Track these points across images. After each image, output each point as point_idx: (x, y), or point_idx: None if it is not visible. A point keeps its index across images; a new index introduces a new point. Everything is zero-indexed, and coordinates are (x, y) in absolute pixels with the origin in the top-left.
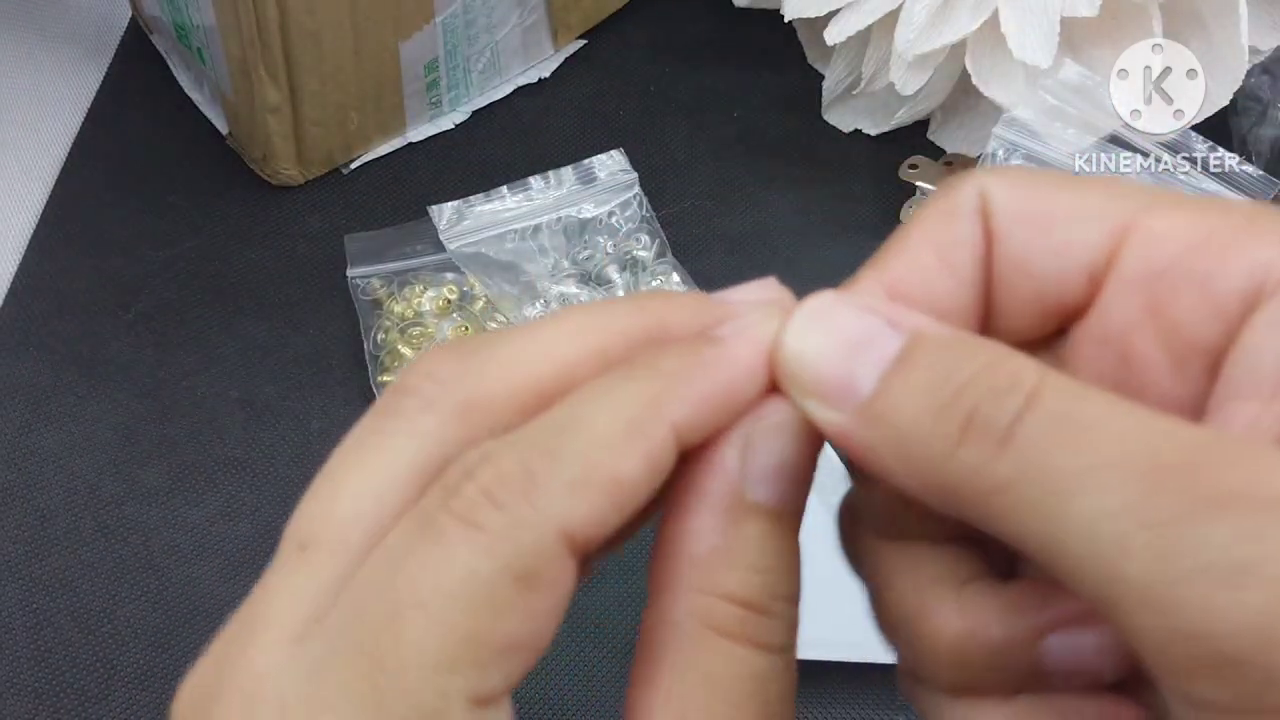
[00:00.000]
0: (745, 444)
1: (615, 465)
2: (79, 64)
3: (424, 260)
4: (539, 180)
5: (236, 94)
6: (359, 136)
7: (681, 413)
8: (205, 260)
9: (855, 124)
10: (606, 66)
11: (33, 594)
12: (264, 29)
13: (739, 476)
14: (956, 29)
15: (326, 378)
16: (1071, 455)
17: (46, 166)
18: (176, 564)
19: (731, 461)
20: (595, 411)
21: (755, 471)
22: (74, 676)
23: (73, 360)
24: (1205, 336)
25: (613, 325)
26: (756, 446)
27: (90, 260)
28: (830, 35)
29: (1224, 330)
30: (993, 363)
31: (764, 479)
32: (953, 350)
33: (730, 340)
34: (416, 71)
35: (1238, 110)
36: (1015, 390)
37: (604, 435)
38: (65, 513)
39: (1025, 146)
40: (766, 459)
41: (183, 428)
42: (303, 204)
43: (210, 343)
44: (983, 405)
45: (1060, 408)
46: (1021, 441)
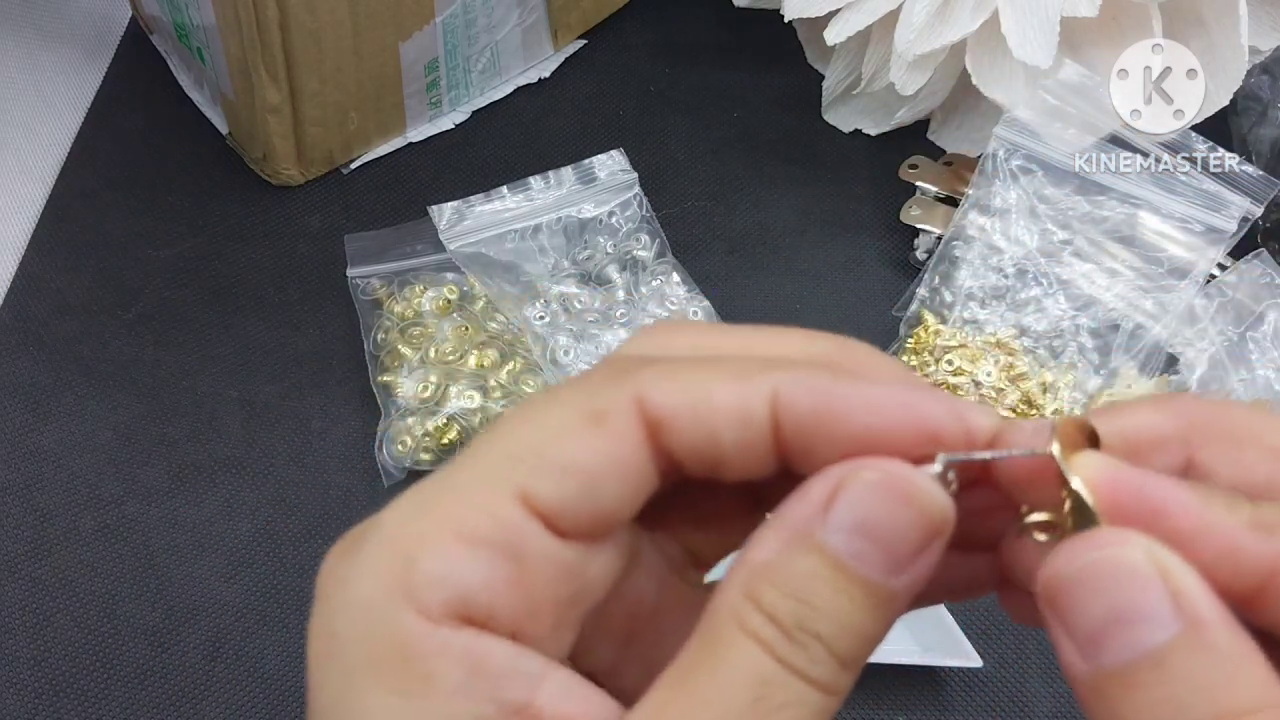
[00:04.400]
0: (836, 485)
1: (705, 392)
2: (79, 64)
3: (424, 260)
4: (539, 180)
5: (236, 94)
6: (359, 136)
7: (789, 387)
8: (205, 260)
9: (855, 124)
10: (606, 66)
11: (33, 593)
12: (264, 29)
13: (817, 511)
14: (956, 29)
15: (326, 377)
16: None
17: (46, 167)
18: (176, 563)
19: (815, 495)
20: (720, 358)
21: (836, 518)
22: (74, 676)
23: (73, 360)
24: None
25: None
26: (845, 496)
27: (90, 260)
28: (830, 35)
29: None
30: (1238, 713)
31: (842, 529)
32: (1212, 672)
33: (909, 390)
34: (416, 71)
35: (1238, 110)
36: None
37: (712, 371)
38: (65, 512)
39: (1025, 147)
40: (850, 513)
41: (182, 427)
42: (303, 204)
43: (210, 342)
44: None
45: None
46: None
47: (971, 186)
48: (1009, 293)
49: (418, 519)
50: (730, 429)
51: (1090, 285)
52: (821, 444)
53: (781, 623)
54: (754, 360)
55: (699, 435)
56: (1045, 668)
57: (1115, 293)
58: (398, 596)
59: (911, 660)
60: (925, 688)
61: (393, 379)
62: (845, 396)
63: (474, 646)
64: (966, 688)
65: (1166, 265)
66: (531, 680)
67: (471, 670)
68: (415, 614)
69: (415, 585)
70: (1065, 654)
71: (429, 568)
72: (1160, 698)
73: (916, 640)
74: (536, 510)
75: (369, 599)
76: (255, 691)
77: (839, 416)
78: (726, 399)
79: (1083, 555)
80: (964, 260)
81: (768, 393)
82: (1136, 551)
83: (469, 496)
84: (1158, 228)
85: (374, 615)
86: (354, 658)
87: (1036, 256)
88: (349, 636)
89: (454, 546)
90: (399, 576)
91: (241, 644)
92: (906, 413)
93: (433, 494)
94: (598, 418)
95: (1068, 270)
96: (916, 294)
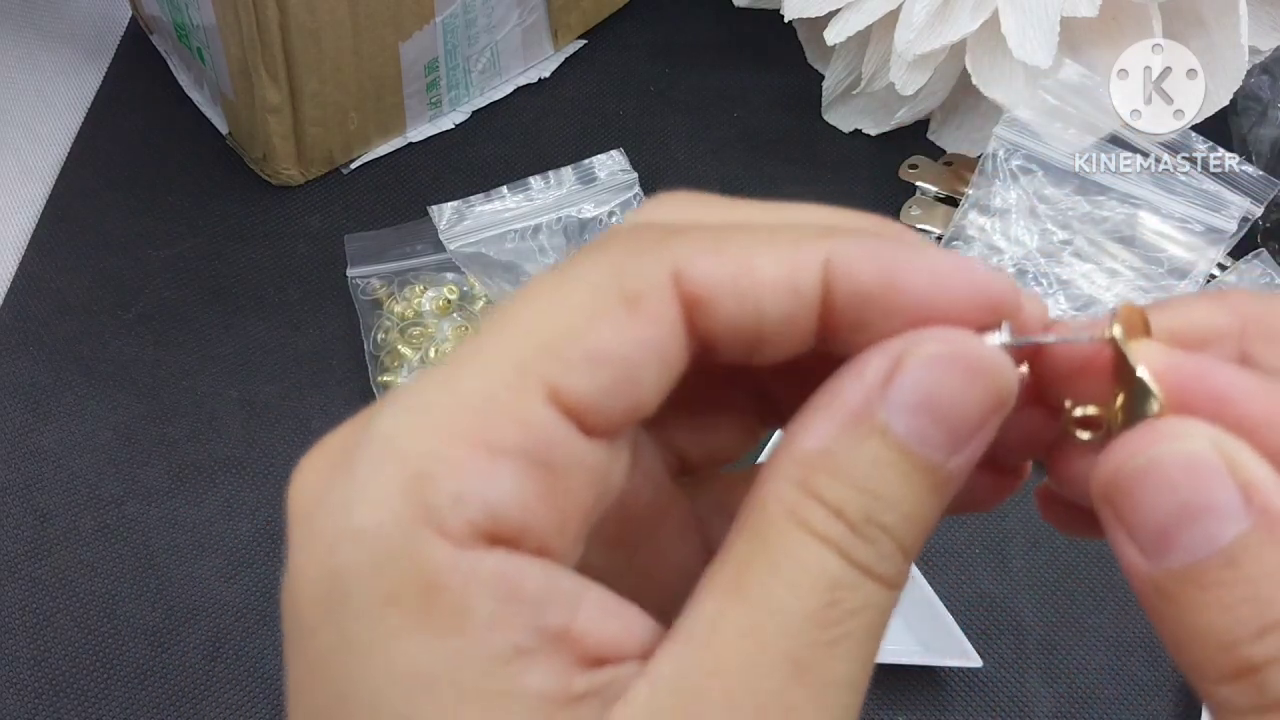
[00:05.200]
0: (897, 363)
1: (749, 263)
2: (79, 64)
3: (424, 260)
4: (539, 180)
5: (236, 94)
6: (359, 136)
7: (845, 253)
8: (205, 260)
9: (855, 124)
10: (606, 66)
11: (33, 593)
12: (264, 29)
13: (876, 391)
14: (956, 29)
15: (326, 377)
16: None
17: (46, 166)
18: (176, 563)
19: (873, 373)
20: (763, 226)
21: (897, 397)
22: (74, 676)
23: (73, 360)
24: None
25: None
26: (907, 372)
27: (90, 260)
28: (830, 35)
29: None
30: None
31: (904, 409)
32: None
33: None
34: (416, 71)
35: (1238, 110)
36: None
37: (757, 239)
38: (65, 512)
39: (1025, 147)
40: (913, 390)
41: (182, 427)
42: (303, 204)
43: (210, 342)
44: (1277, 662)
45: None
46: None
47: (971, 186)
48: None
49: (429, 427)
50: (777, 304)
51: (1090, 285)
52: (877, 317)
53: (849, 517)
54: (803, 227)
55: (742, 312)
56: (1045, 668)
57: (1115, 293)
58: (417, 520)
59: (911, 660)
60: (925, 688)
61: (393, 379)
62: (908, 264)
63: (506, 570)
64: (966, 688)
65: (1166, 265)
66: (569, 602)
67: (505, 597)
68: (439, 538)
69: (437, 506)
70: (1127, 555)
71: (452, 485)
72: (1236, 596)
73: (916, 640)
74: (568, 409)
75: (380, 526)
76: (255, 691)
77: (899, 286)
78: (774, 269)
79: (1145, 449)
80: None
81: (820, 261)
82: (1202, 442)
83: (492, 397)
84: (1158, 228)
85: (389, 545)
86: (368, 596)
87: (1036, 257)
88: (358, 572)
89: (479, 458)
90: (416, 497)
91: (241, 644)
92: (971, 284)
93: (442, 395)
94: (633, 299)
95: (1068, 270)
96: None
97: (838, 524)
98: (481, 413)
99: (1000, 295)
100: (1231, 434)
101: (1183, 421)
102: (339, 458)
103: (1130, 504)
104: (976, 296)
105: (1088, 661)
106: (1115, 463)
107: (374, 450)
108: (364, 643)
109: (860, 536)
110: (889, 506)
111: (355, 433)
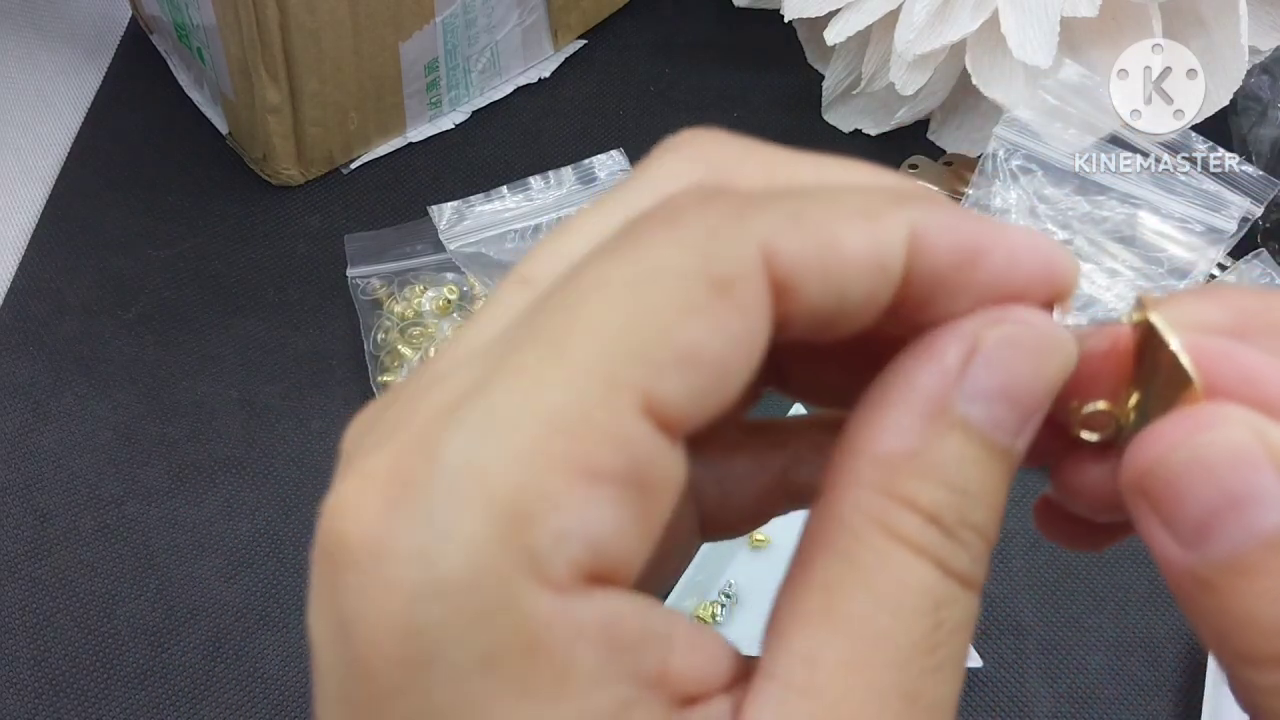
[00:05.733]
0: (973, 347)
1: (833, 239)
2: (79, 64)
3: (424, 260)
4: (539, 180)
5: (237, 94)
6: (359, 136)
7: (927, 225)
8: (205, 260)
9: (855, 124)
10: (606, 66)
11: (33, 594)
12: (264, 28)
13: (954, 380)
14: (956, 29)
15: (326, 378)
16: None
17: (46, 167)
18: (176, 563)
19: (952, 360)
20: (843, 187)
21: (974, 384)
22: (74, 676)
23: (73, 360)
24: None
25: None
26: (985, 356)
27: (90, 260)
28: (830, 35)
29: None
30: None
31: (982, 396)
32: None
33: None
34: (416, 71)
35: (1238, 110)
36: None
37: (837, 209)
38: (65, 512)
39: (1025, 147)
40: (991, 376)
41: (182, 427)
42: (303, 204)
43: (210, 343)
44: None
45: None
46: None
47: (971, 187)
48: None
49: (519, 453)
50: (861, 283)
51: (1090, 285)
52: (949, 294)
53: (945, 522)
54: (880, 193)
55: (826, 293)
56: (1045, 668)
57: (1115, 293)
58: (518, 569)
59: None
60: None
61: (393, 379)
62: (990, 239)
63: (608, 615)
64: (966, 688)
65: (1166, 265)
66: (663, 642)
67: (609, 648)
68: (541, 589)
69: (539, 550)
70: (1162, 546)
71: (555, 524)
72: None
73: None
74: (662, 419)
75: (475, 576)
76: (255, 691)
77: (979, 263)
78: (859, 245)
79: (1185, 438)
80: None
81: (904, 234)
82: (1242, 429)
83: (586, 414)
84: (1158, 228)
85: (485, 599)
86: (461, 660)
87: None
88: (449, 632)
89: (578, 488)
90: (514, 541)
91: (241, 644)
92: (1046, 262)
93: (524, 413)
94: (724, 286)
95: None
96: None
97: (933, 531)
98: (576, 433)
99: (1066, 274)
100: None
101: (1220, 407)
102: (399, 491)
103: (1170, 495)
104: (1048, 274)
105: (1088, 661)
106: (1153, 453)
107: (453, 482)
108: (456, 711)
109: (956, 541)
110: (979, 503)
111: (414, 457)
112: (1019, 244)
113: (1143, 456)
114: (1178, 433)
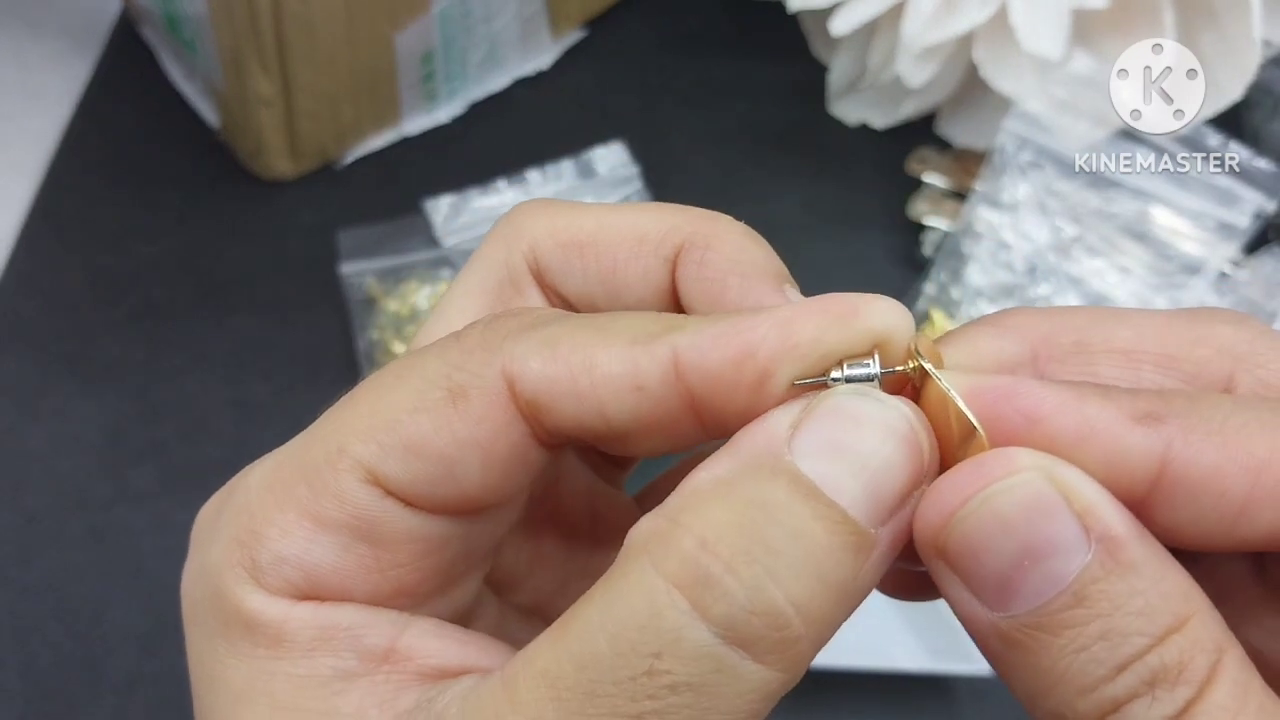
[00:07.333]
0: (804, 412)
1: (587, 363)
2: (67, 56)
3: (419, 256)
4: (537, 174)
5: (228, 86)
6: (353, 129)
7: (690, 345)
8: (196, 256)
9: (862, 117)
10: (607, 58)
11: (20, 598)
12: (256, 18)
13: (784, 438)
14: (965, 20)
15: (319, 376)
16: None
17: (35, 161)
18: (166, 567)
19: (779, 426)
20: (623, 314)
21: (808, 437)
22: (62, 681)
23: (61, 358)
24: None
25: (669, 222)
26: (814, 417)
27: (79, 256)
28: (836, 26)
29: None
30: (1170, 630)
31: (816, 451)
32: (1139, 593)
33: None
34: (412, 63)
35: (1250, 104)
36: (1187, 681)
37: (598, 335)
38: (53, 515)
39: (1035, 140)
40: (822, 431)
41: (173, 428)
42: (295, 198)
43: (201, 340)
44: (1140, 697)
45: (1228, 707)
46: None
47: (980, 180)
48: (1018, 290)
49: (271, 490)
50: (620, 403)
51: (1102, 282)
52: (747, 393)
53: (718, 555)
54: (651, 318)
55: (583, 410)
56: None
57: (1127, 290)
58: (243, 571)
59: (919, 667)
60: (933, 696)
61: None
62: (759, 332)
63: (320, 616)
64: (975, 696)
65: (1178, 262)
66: (391, 628)
67: (320, 630)
68: (257, 589)
69: (260, 563)
70: (965, 606)
71: (274, 548)
72: (1089, 635)
73: (924, 647)
74: (391, 491)
75: (217, 569)
76: None
77: (749, 363)
78: (613, 370)
79: (972, 491)
80: (972, 256)
81: (666, 357)
82: (1033, 476)
83: (317, 474)
84: (1169, 223)
85: (220, 586)
86: (207, 624)
87: (1046, 253)
88: (201, 603)
89: (301, 527)
90: (246, 551)
91: None
92: (832, 324)
93: (286, 463)
94: (457, 394)
95: (1078, 267)
96: (924, 291)
97: (697, 564)
98: (309, 485)
99: (865, 328)
100: (1051, 455)
101: (1007, 454)
102: (221, 501)
103: (966, 554)
104: (842, 335)
105: None
106: (942, 510)
107: (233, 503)
108: (208, 660)
109: (720, 589)
110: (793, 574)
111: (243, 476)
112: (795, 321)
113: (934, 514)
114: (967, 487)
